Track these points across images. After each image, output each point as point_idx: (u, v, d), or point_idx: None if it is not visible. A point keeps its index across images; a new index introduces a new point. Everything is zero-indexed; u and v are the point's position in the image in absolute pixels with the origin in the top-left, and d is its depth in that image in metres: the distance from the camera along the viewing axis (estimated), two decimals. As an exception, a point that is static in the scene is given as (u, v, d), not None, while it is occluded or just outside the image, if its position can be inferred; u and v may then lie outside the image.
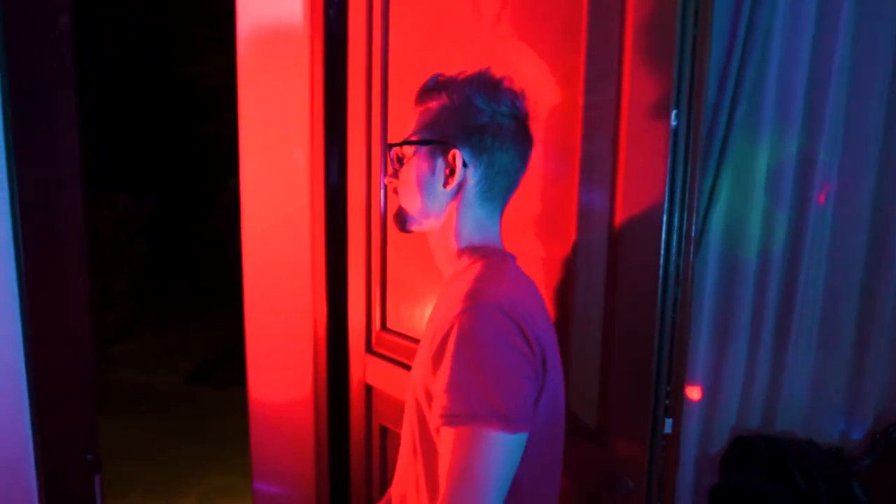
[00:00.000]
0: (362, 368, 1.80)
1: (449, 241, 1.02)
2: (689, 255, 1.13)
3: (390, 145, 1.05)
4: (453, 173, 0.98)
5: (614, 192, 1.17)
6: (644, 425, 1.14)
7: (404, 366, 1.62)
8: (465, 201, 1.00)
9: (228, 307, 4.00)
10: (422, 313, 1.57)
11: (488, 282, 0.93)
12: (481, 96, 0.98)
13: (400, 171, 1.04)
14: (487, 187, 1.00)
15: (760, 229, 1.45)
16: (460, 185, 0.99)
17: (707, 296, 1.48)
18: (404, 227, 1.05)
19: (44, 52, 1.35)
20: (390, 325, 1.72)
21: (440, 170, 0.99)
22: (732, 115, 1.40)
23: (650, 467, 1.15)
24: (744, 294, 1.47)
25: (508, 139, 0.99)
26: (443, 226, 1.02)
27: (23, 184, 1.32)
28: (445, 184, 0.99)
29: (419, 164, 1.01)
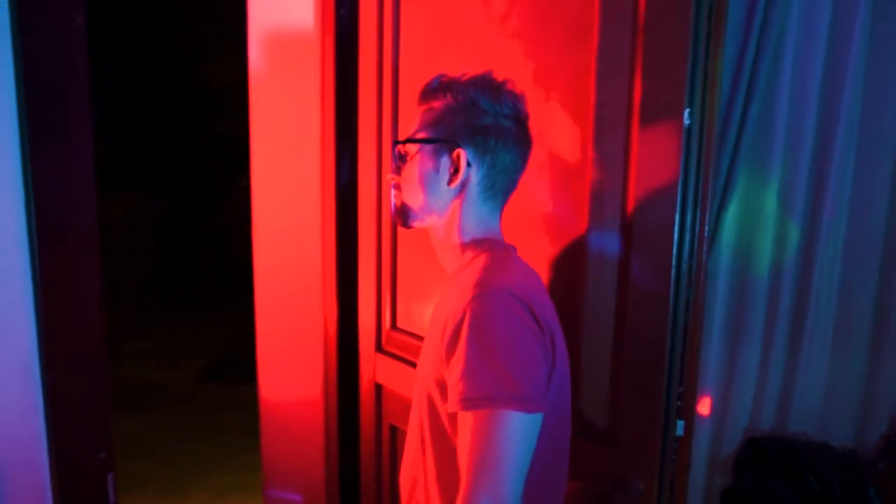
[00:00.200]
0: (372, 368, 1.80)
1: (452, 236, 1.05)
2: (701, 254, 1.12)
3: (396, 142, 1.08)
4: (457, 172, 1.01)
5: (626, 191, 1.16)
6: (655, 427, 1.13)
7: (414, 365, 1.61)
8: (467, 199, 1.03)
9: (239, 306, 4.02)
10: (431, 312, 1.57)
11: (495, 270, 0.95)
12: (485, 98, 1.01)
13: (403, 167, 1.06)
14: (489, 186, 1.03)
15: (774, 229, 1.43)
16: (464, 184, 1.02)
17: (720, 295, 1.47)
18: (406, 223, 1.08)
19: (58, 51, 1.36)
20: (400, 324, 1.72)
21: (444, 168, 1.02)
22: (746, 113, 1.39)
23: (661, 469, 1.14)
24: (757, 294, 1.45)
25: (510, 140, 1.02)
26: (446, 222, 1.05)
27: (38, 183, 1.33)
28: (449, 182, 1.02)
29: (423, 161, 1.03)
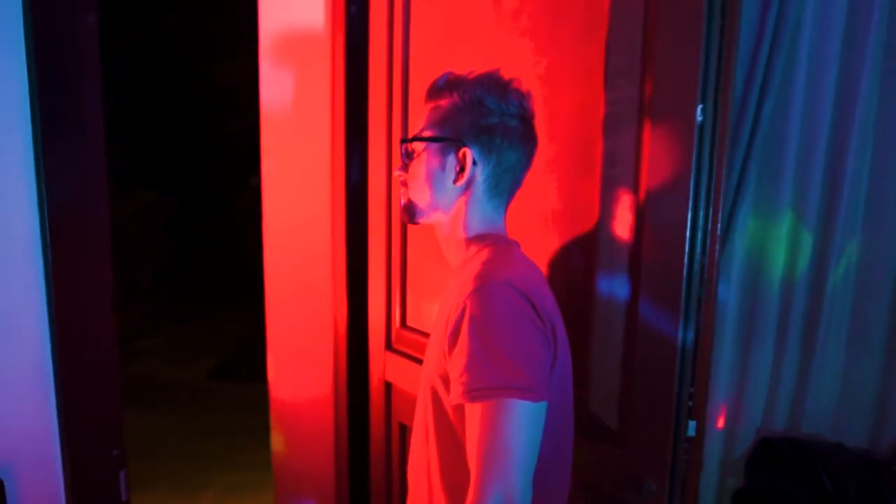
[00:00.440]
0: (382, 366, 1.80)
1: (457, 232, 1.06)
2: (714, 253, 1.11)
3: (403, 140, 1.09)
4: (463, 170, 1.02)
5: (638, 188, 1.15)
6: (667, 427, 1.13)
7: (424, 363, 1.62)
8: (473, 197, 1.04)
9: (249, 304, 4.04)
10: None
11: (496, 263, 0.97)
12: (491, 97, 1.01)
13: (410, 165, 1.07)
14: (494, 184, 1.04)
15: (788, 227, 1.42)
16: (469, 182, 1.03)
17: (733, 294, 1.45)
18: (413, 220, 1.09)
19: (71, 49, 1.36)
20: (410, 322, 1.72)
21: (450, 166, 1.03)
22: (760, 110, 1.37)
23: (673, 470, 1.13)
24: (771, 293, 1.44)
25: (516, 139, 1.03)
26: (451, 219, 1.06)
27: (50, 181, 1.34)
28: (455, 180, 1.03)
29: (430, 159, 1.04)
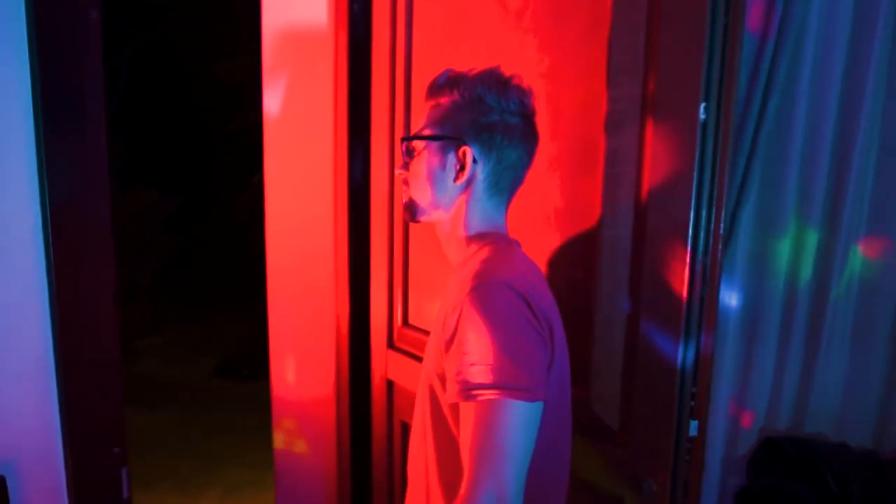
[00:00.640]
0: (384, 364, 1.80)
1: (458, 230, 1.06)
2: (717, 253, 1.11)
3: (403, 138, 1.09)
4: (463, 168, 1.02)
5: (640, 187, 1.15)
6: (668, 427, 1.12)
7: (426, 362, 1.62)
8: (473, 195, 1.04)
9: (251, 303, 4.04)
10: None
11: (495, 262, 0.96)
12: (492, 94, 1.01)
13: (410, 163, 1.07)
14: (495, 182, 1.03)
15: (793, 227, 1.41)
16: (470, 180, 1.03)
17: (736, 294, 1.45)
18: (414, 218, 1.09)
19: (73, 47, 1.36)
20: (412, 320, 1.72)
21: (451, 165, 1.03)
22: (764, 109, 1.36)
23: (674, 470, 1.13)
24: (774, 292, 1.43)
25: (517, 137, 1.02)
26: (452, 217, 1.06)
27: (52, 180, 1.35)
28: (456, 178, 1.03)
29: (430, 158, 1.04)
